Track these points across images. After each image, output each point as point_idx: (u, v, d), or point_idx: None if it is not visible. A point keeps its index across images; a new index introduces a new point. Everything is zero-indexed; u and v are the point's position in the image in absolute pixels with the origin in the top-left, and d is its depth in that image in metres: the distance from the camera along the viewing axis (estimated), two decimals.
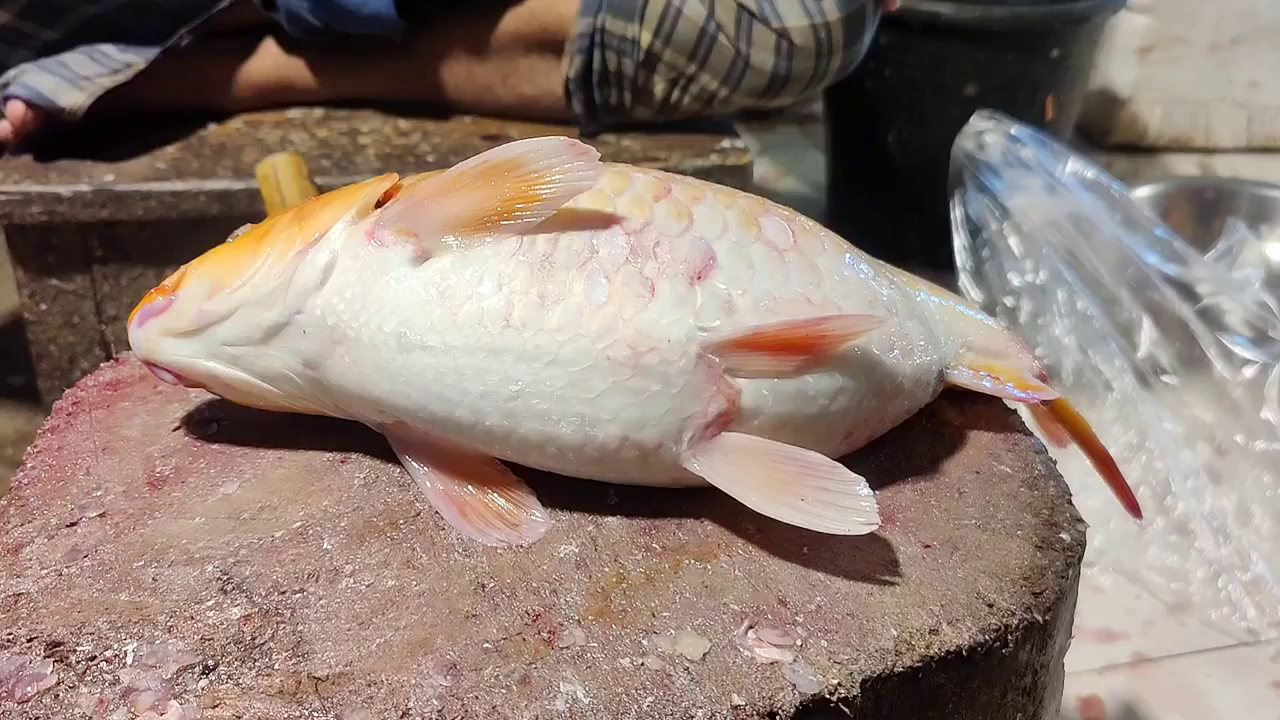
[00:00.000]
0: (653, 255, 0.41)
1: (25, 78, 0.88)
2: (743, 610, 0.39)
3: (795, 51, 0.91)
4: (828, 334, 0.41)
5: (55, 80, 0.88)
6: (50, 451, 0.47)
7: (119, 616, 0.38)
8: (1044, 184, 1.11)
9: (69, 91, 0.87)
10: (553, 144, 0.40)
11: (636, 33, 0.92)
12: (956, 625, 0.39)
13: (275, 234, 0.43)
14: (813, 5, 0.91)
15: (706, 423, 0.41)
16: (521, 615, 0.38)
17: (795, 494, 0.40)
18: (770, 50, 0.91)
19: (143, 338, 0.44)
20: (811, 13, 0.91)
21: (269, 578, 0.40)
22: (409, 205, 0.41)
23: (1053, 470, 0.48)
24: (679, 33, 0.91)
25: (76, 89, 0.87)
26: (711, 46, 0.91)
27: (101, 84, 0.89)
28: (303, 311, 0.42)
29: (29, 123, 0.88)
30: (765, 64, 0.91)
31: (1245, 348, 1.04)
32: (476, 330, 0.40)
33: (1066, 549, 0.44)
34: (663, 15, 0.91)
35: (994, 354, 0.50)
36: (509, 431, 0.41)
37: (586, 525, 0.43)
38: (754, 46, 0.91)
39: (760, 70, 0.92)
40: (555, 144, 0.40)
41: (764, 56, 0.91)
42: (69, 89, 0.87)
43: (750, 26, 0.90)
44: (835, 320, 0.41)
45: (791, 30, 0.91)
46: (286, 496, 0.44)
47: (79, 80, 0.88)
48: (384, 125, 0.99)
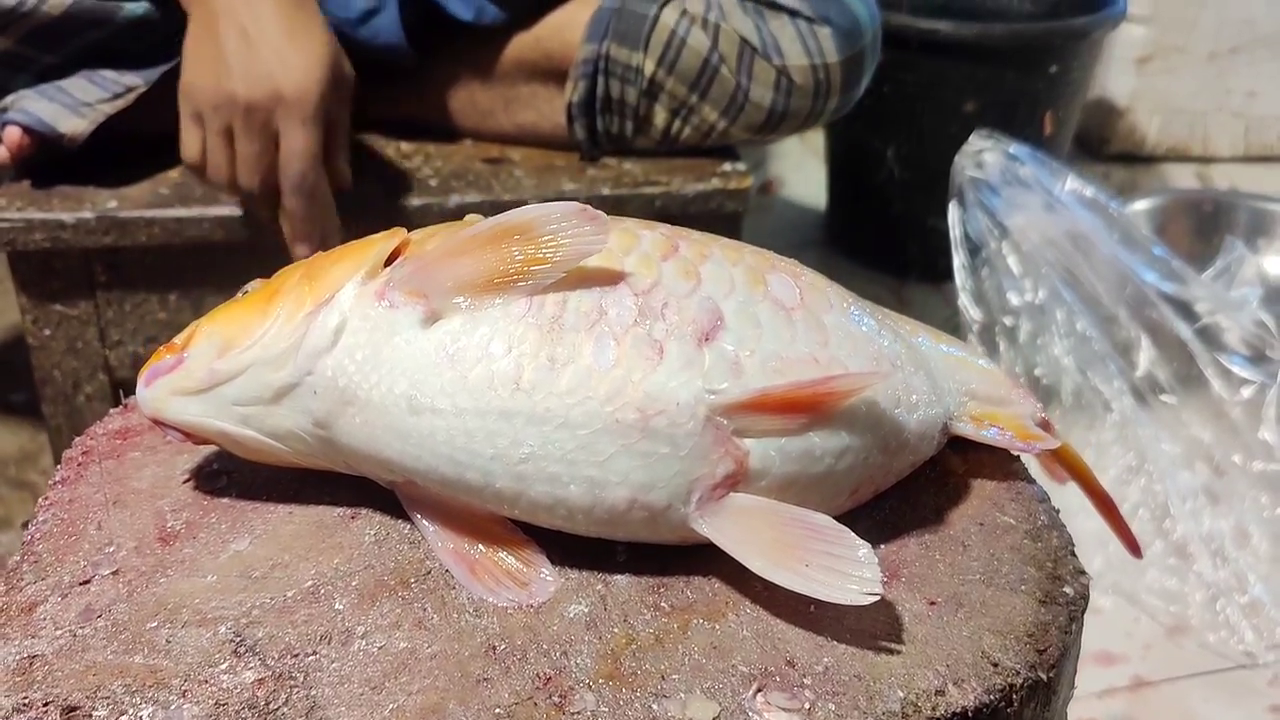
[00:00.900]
0: (661, 316, 0.42)
1: (24, 104, 0.88)
2: (751, 672, 0.39)
3: (794, 89, 0.92)
4: (835, 391, 0.41)
5: (55, 107, 0.88)
6: (61, 504, 0.47)
7: (134, 680, 0.39)
8: (1043, 202, 1.12)
9: (69, 118, 0.87)
10: (564, 209, 0.41)
11: (640, 61, 0.92)
12: (962, 686, 0.40)
13: (285, 293, 0.43)
14: (813, 45, 0.92)
15: (714, 484, 0.41)
16: (533, 679, 0.39)
17: (800, 559, 0.40)
18: (769, 86, 0.92)
19: (151, 396, 0.44)
20: (812, 53, 0.91)
21: (282, 640, 0.40)
22: (419, 266, 0.42)
23: (1055, 520, 0.49)
24: (682, 62, 0.92)
25: (77, 115, 0.87)
26: (713, 78, 0.92)
27: (103, 110, 0.89)
28: (313, 373, 0.42)
29: (25, 149, 0.88)
30: (764, 99, 0.92)
31: (1243, 367, 1.04)
32: (487, 393, 0.40)
33: (1070, 603, 0.44)
34: (667, 44, 0.91)
35: (996, 402, 0.51)
36: (519, 493, 0.41)
37: (595, 584, 0.43)
38: (754, 81, 0.92)
39: (759, 105, 0.92)
40: (566, 209, 0.41)
41: (763, 92, 0.92)
42: (69, 116, 0.87)
43: (751, 61, 0.91)
44: (841, 379, 0.41)
45: (791, 69, 0.91)
46: (298, 554, 0.44)
47: (79, 106, 0.88)
48: (385, 147, 0.99)
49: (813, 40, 0.91)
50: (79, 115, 0.88)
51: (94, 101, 0.89)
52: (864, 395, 0.43)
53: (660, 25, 0.92)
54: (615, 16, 0.93)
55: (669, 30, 0.92)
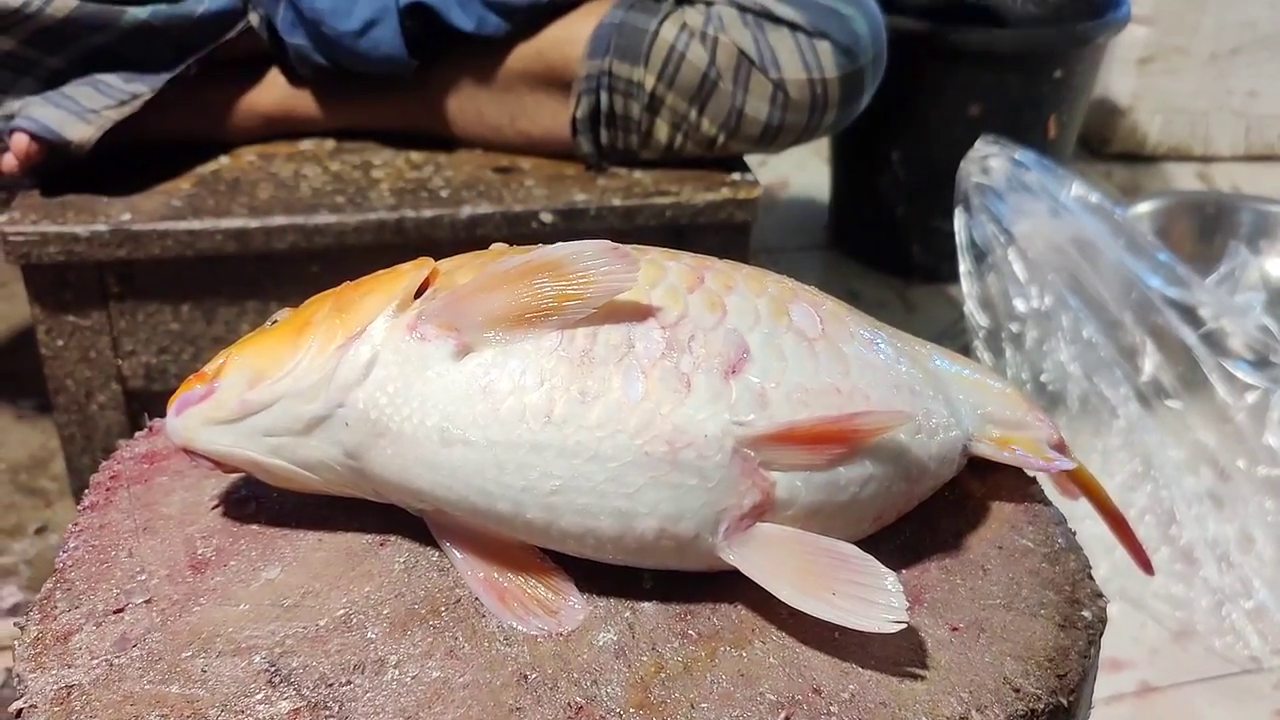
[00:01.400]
0: (688, 349, 0.42)
1: (30, 110, 0.88)
2: (778, 700, 0.40)
3: (790, 103, 0.92)
4: (860, 429, 0.42)
5: (61, 114, 0.88)
6: (92, 531, 0.48)
7: (171, 710, 0.39)
8: (1048, 208, 1.12)
9: (76, 125, 0.87)
10: (594, 247, 0.41)
11: (641, 76, 0.92)
12: (985, 712, 0.40)
13: (316, 325, 0.44)
14: (811, 60, 0.92)
15: (741, 515, 0.42)
16: (564, 708, 0.40)
17: (827, 588, 0.41)
18: (766, 100, 0.92)
19: (181, 426, 0.45)
20: (810, 67, 0.92)
21: (316, 669, 0.41)
22: (451, 301, 0.42)
23: (1073, 543, 0.49)
24: (681, 76, 0.92)
25: (84, 122, 0.88)
26: (712, 92, 0.92)
27: (109, 116, 0.89)
28: (345, 405, 0.43)
29: (33, 155, 0.88)
30: (760, 113, 0.93)
31: (1247, 373, 1.05)
32: (519, 426, 0.41)
33: (1088, 627, 0.45)
34: (666, 59, 0.92)
35: (1013, 424, 0.51)
36: (549, 524, 0.42)
37: (623, 611, 0.44)
38: (750, 94, 0.92)
39: (754, 119, 0.93)
40: (596, 247, 0.41)
41: (759, 105, 0.92)
42: (76, 122, 0.87)
43: (749, 74, 0.92)
44: (866, 416, 0.42)
45: (788, 82, 0.92)
46: (328, 582, 0.45)
47: (85, 113, 0.88)
48: (396, 158, 0.99)
49: (811, 55, 0.92)
50: (85, 121, 0.88)
51: (100, 108, 0.89)
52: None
53: (660, 40, 0.92)
54: (616, 32, 0.93)
55: (669, 45, 0.92)
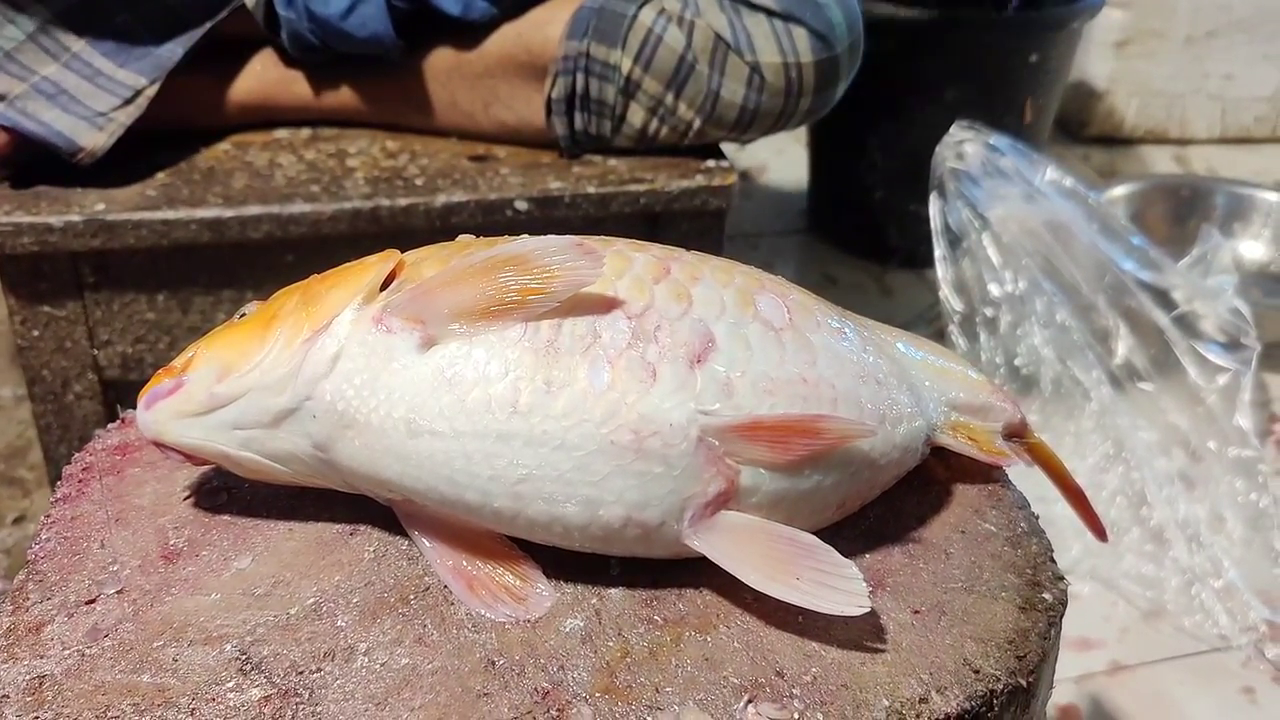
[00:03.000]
0: (654, 339, 0.43)
1: (30, 107, 0.87)
2: (742, 683, 0.41)
3: (765, 86, 0.93)
4: (823, 433, 0.42)
5: (71, 119, 0.87)
6: (64, 522, 0.48)
7: (142, 699, 0.40)
8: (1023, 193, 1.13)
9: (90, 133, 0.87)
10: (560, 243, 0.42)
11: (618, 59, 0.93)
12: (945, 693, 0.41)
13: (283, 318, 0.44)
14: (787, 44, 0.92)
15: (706, 502, 0.42)
16: (531, 693, 0.40)
17: (791, 573, 0.41)
18: (742, 82, 0.92)
19: (151, 420, 0.45)
20: (785, 51, 0.92)
21: (286, 657, 0.41)
22: (416, 294, 0.43)
23: (1035, 526, 0.50)
24: (658, 60, 0.92)
25: (95, 129, 0.87)
26: (688, 75, 0.93)
27: (120, 121, 0.88)
28: (312, 397, 0.43)
29: (4, 147, 0.88)
30: (736, 96, 0.93)
31: (1219, 354, 1.06)
32: (485, 416, 0.41)
33: (1049, 609, 0.46)
34: (644, 42, 0.92)
35: (976, 410, 0.52)
36: (516, 512, 0.42)
37: (590, 598, 0.44)
38: (726, 77, 0.93)
39: (731, 102, 0.93)
40: (562, 243, 0.42)
41: (735, 88, 0.93)
42: (90, 130, 0.87)
43: (725, 58, 0.92)
44: (831, 421, 0.43)
45: (764, 65, 0.92)
46: (299, 571, 0.45)
47: (95, 118, 0.87)
48: (371, 146, 0.99)
49: (787, 39, 0.92)
50: (97, 128, 0.87)
51: (108, 110, 0.88)
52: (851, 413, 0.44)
53: (638, 23, 0.92)
54: (596, 15, 0.93)
55: (646, 28, 0.92)
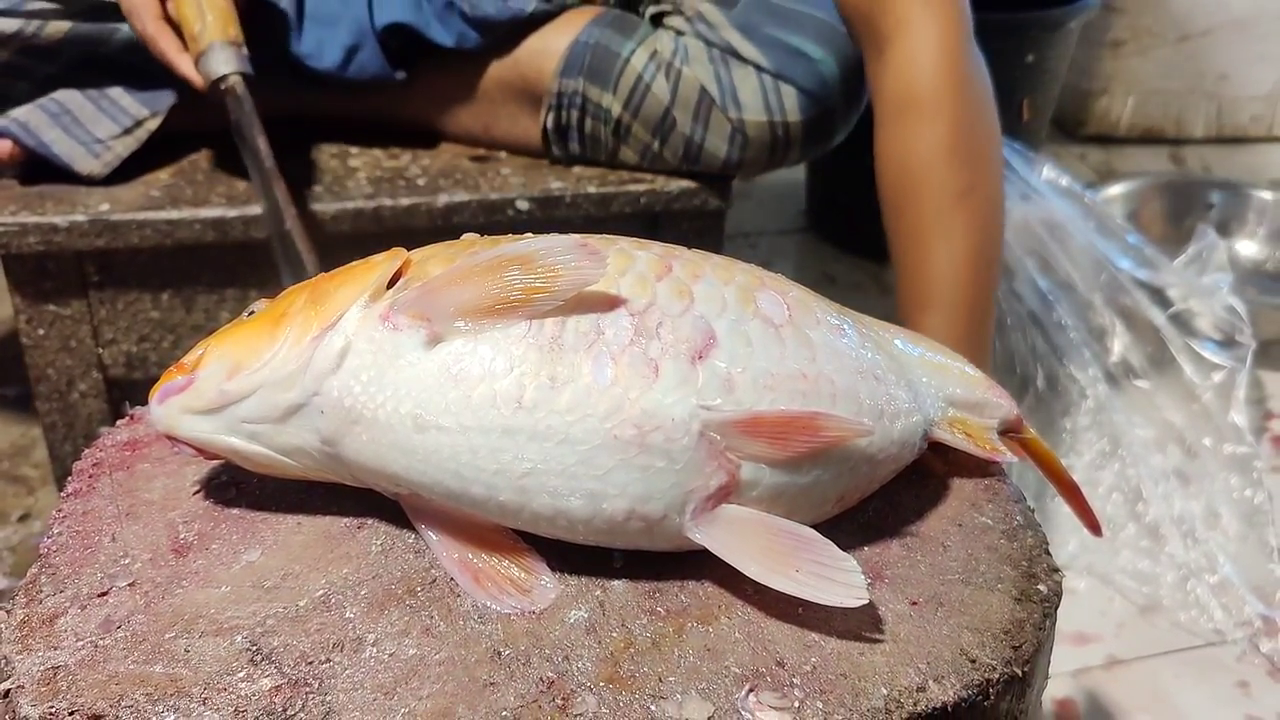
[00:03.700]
0: (656, 336, 0.44)
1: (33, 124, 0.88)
2: (743, 673, 0.42)
3: (748, 143, 0.91)
4: (822, 431, 0.43)
5: (71, 143, 0.87)
6: (75, 517, 0.49)
7: (155, 689, 0.41)
8: (1019, 191, 1.14)
9: (86, 159, 0.88)
10: (564, 242, 0.43)
11: (610, 102, 0.92)
12: (942, 682, 0.42)
13: (291, 316, 0.45)
14: (774, 102, 0.90)
15: (708, 495, 0.43)
16: (536, 682, 0.41)
17: (791, 565, 0.42)
18: (724, 139, 0.91)
19: (164, 414, 0.46)
20: (772, 109, 0.90)
21: (296, 648, 0.42)
22: (423, 292, 0.43)
23: (1031, 520, 0.51)
24: (645, 108, 0.92)
25: (93, 156, 0.88)
26: (672, 128, 0.92)
27: (117, 152, 0.89)
28: (320, 393, 0.44)
29: (16, 157, 0.88)
30: (719, 150, 0.92)
31: (1214, 352, 1.07)
32: (490, 412, 0.42)
33: (1044, 600, 0.47)
34: (633, 89, 0.92)
35: (972, 405, 0.53)
36: (521, 506, 0.43)
37: (594, 589, 0.45)
38: (709, 132, 0.91)
39: (714, 155, 0.92)
40: (566, 243, 0.42)
41: (717, 143, 0.91)
42: (86, 156, 0.88)
43: (709, 112, 0.91)
44: (829, 420, 0.44)
45: (748, 123, 0.90)
46: (308, 564, 0.46)
47: (93, 144, 0.88)
48: (373, 145, 1.00)
49: (775, 96, 0.90)
50: (94, 155, 0.88)
51: (107, 139, 0.89)
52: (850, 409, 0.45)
53: (629, 68, 0.92)
54: (590, 52, 0.93)
55: (636, 74, 0.91)
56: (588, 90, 0.93)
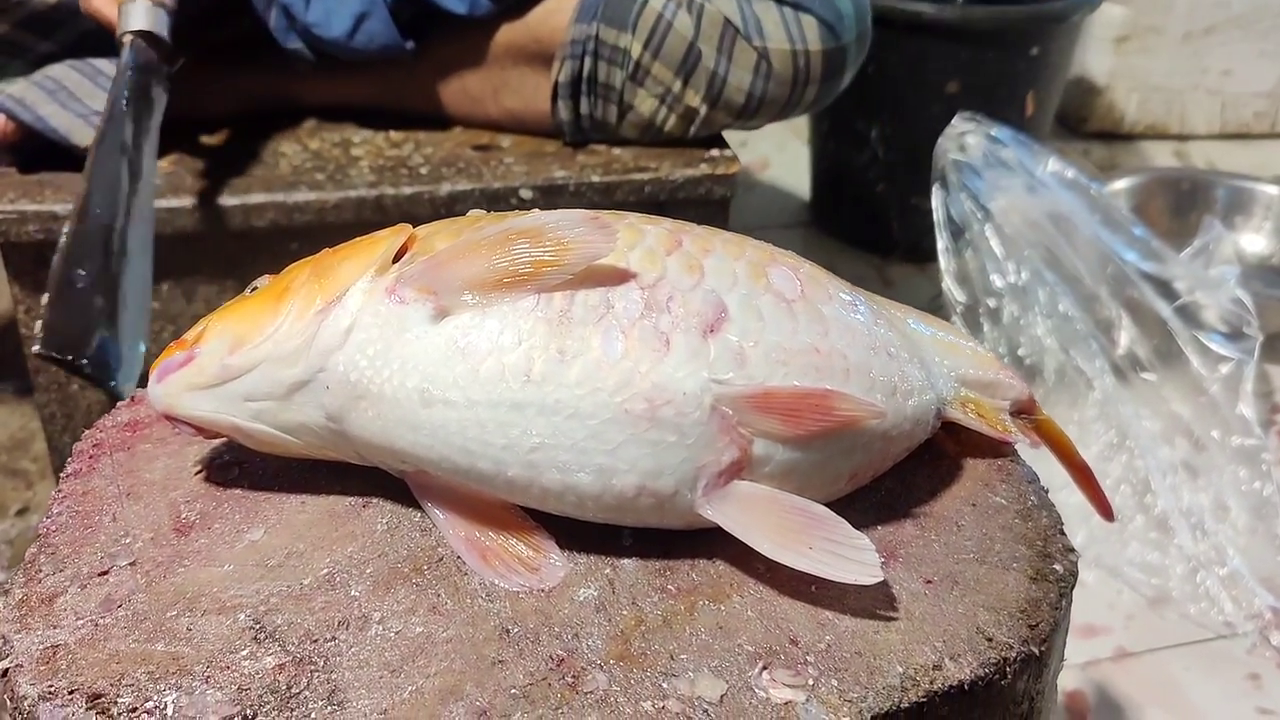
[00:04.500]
0: (666, 310, 0.43)
1: (30, 99, 0.88)
2: (756, 651, 0.41)
3: (773, 74, 0.93)
4: (835, 411, 0.43)
5: (68, 116, 0.87)
6: (75, 497, 0.48)
7: (157, 667, 0.40)
8: (1025, 184, 1.13)
9: (83, 130, 0.87)
10: (573, 216, 0.42)
11: (628, 43, 0.93)
12: (958, 660, 0.41)
13: (295, 290, 0.44)
14: (796, 32, 0.92)
15: (720, 471, 0.42)
16: (546, 660, 0.40)
17: (804, 542, 0.41)
18: (749, 69, 0.92)
19: (163, 392, 0.45)
20: (794, 38, 0.92)
21: (301, 626, 0.41)
22: (429, 265, 0.43)
23: (1045, 500, 0.50)
24: (667, 45, 0.92)
25: (89, 126, 0.87)
26: (697, 62, 0.93)
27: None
28: (325, 369, 0.43)
29: (10, 135, 0.88)
30: (743, 82, 0.93)
31: (1221, 344, 1.07)
32: (498, 385, 0.41)
33: (1060, 580, 0.46)
34: (654, 27, 0.92)
35: (984, 385, 0.52)
36: (530, 481, 0.42)
37: (604, 568, 0.44)
38: (734, 64, 0.93)
39: (738, 88, 0.93)
40: (576, 216, 0.42)
41: (742, 75, 0.93)
42: (83, 127, 0.87)
43: (733, 43, 0.92)
44: (842, 400, 0.43)
45: (772, 52, 0.92)
46: (312, 543, 0.45)
47: (90, 116, 0.88)
48: (375, 136, 0.99)
49: (796, 27, 0.92)
50: (92, 127, 0.88)
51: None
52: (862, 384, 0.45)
53: (649, 8, 0.92)
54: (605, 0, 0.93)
55: (656, 13, 0.92)
56: (603, 34, 0.93)
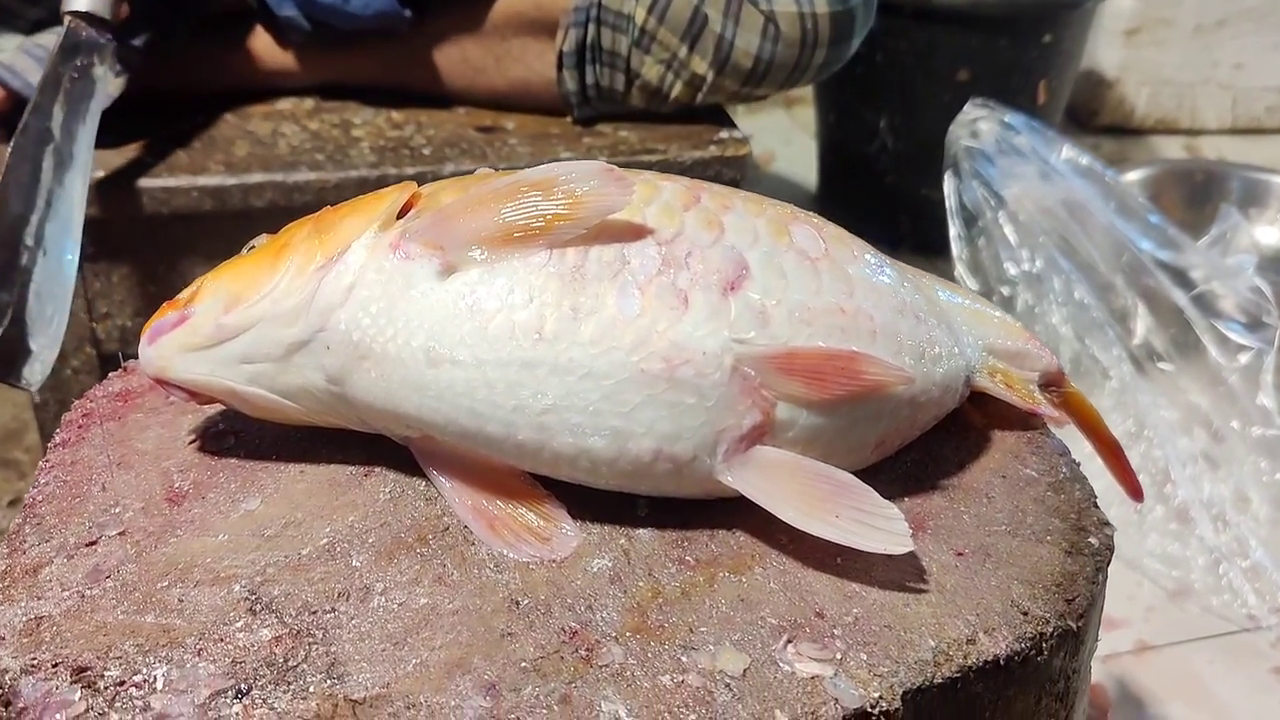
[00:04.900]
0: (685, 266, 0.41)
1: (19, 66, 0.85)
2: (780, 624, 0.39)
3: (780, 37, 0.91)
4: (861, 374, 0.41)
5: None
6: (63, 466, 0.46)
7: (146, 640, 0.38)
8: (1038, 171, 1.11)
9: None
10: (588, 167, 0.40)
11: (632, 8, 0.91)
12: (993, 634, 0.39)
13: (294, 246, 0.42)
14: None
15: (741, 435, 0.40)
16: (558, 632, 0.38)
17: (830, 511, 0.39)
18: (756, 33, 0.91)
19: (155, 355, 0.43)
20: (801, 1, 0.90)
21: (299, 597, 0.39)
22: (436, 219, 0.41)
23: (1077, 473, 0.48)
24: (672, 10, 0.91)
25: None
26: (703, 26, 0.91)
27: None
28: (326, 328, 0.41)
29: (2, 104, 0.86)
30: (750, 46, 0.91)
31: (1240, 334, 1.04)
32: (508, 344, 0.39)
33: (1095, 553, 0.44)
34: None
35: (1013, 355, 0.50)
36: (541, 445, 0.40)
37: (618, 538, 0.42)
38: (741, 27, 0.91)
39: (745, 52, 0.91)
40: (591, 167, 0.40)
41: (749, 38, 0.91)
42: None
43: (740, 7, 0.90)
44: (869, 363, 0.41)
45: (779, 15, 0.90)
46: (311, 512, 0.43)
47: None
48: (376, 116, 0.97)
49: None
50: None
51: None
52: (890, 347, 0.43)
53: None
54: None
55: None
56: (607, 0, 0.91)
